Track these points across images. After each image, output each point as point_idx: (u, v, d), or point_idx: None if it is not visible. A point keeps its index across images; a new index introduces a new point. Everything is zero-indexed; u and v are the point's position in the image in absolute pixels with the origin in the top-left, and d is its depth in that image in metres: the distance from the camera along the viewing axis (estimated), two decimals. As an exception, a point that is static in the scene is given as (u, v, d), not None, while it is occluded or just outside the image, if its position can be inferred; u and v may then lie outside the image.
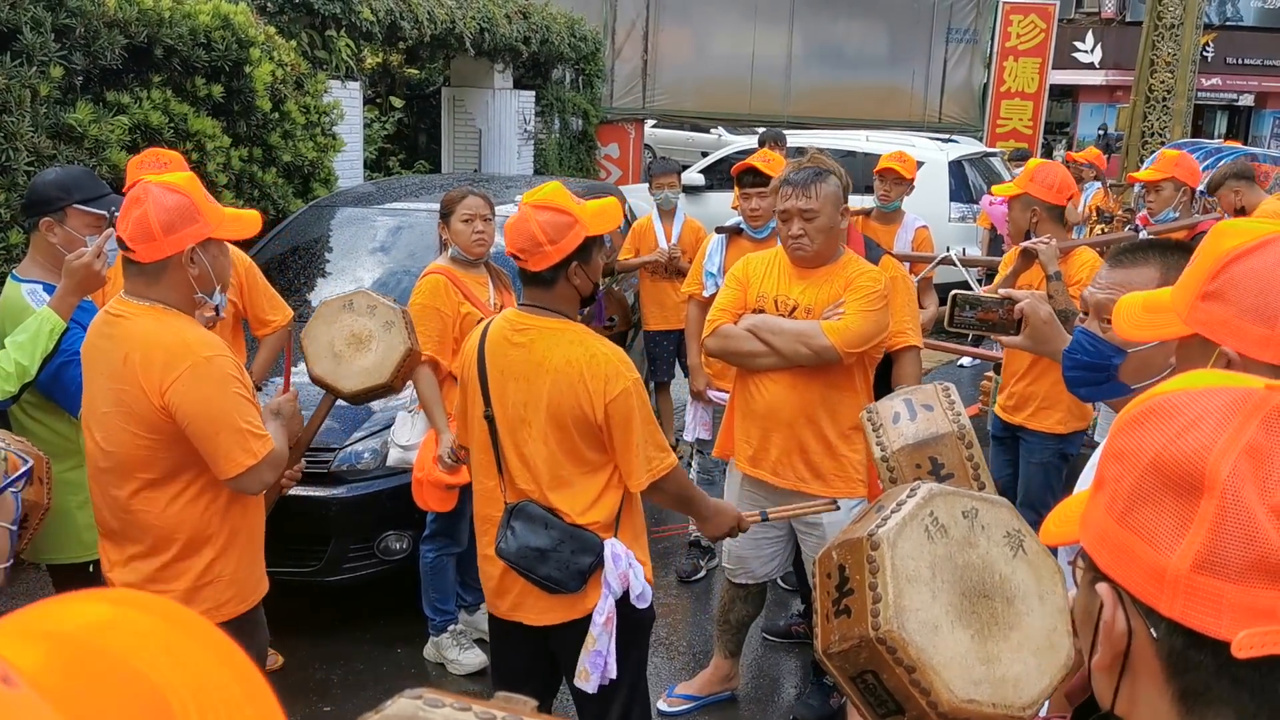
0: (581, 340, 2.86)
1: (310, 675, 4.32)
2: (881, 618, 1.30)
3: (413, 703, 0.73)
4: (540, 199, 2.82)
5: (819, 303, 3.59)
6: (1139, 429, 0.85)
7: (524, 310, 2.92)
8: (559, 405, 2.81)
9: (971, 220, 10.87)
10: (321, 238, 6.27)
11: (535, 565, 2.85)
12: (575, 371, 2.79)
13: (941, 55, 15.99)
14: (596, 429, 2.82)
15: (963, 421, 2.10)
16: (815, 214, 3.54)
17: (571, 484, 2.88)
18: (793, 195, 3.56)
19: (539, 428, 2.84)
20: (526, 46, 11.58)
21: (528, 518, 2.87)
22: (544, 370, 2.82)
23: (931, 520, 1.37)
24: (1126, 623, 0.86)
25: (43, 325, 3.03)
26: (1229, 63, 29.03)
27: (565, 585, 2.86)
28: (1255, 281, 1.37)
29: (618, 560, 2.89)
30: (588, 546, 2.87)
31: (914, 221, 6.13)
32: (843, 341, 3.49)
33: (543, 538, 2.85)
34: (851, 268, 3.64)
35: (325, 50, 8.30)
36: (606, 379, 2.79)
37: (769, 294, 3.67)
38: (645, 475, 2.86)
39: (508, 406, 2.88)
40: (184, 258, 2.58)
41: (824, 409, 3.63)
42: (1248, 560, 0.76)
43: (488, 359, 2.92)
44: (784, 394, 3.64)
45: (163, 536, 2.68)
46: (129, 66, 5.82)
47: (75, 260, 3.03)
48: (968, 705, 1.28)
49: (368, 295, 3.38)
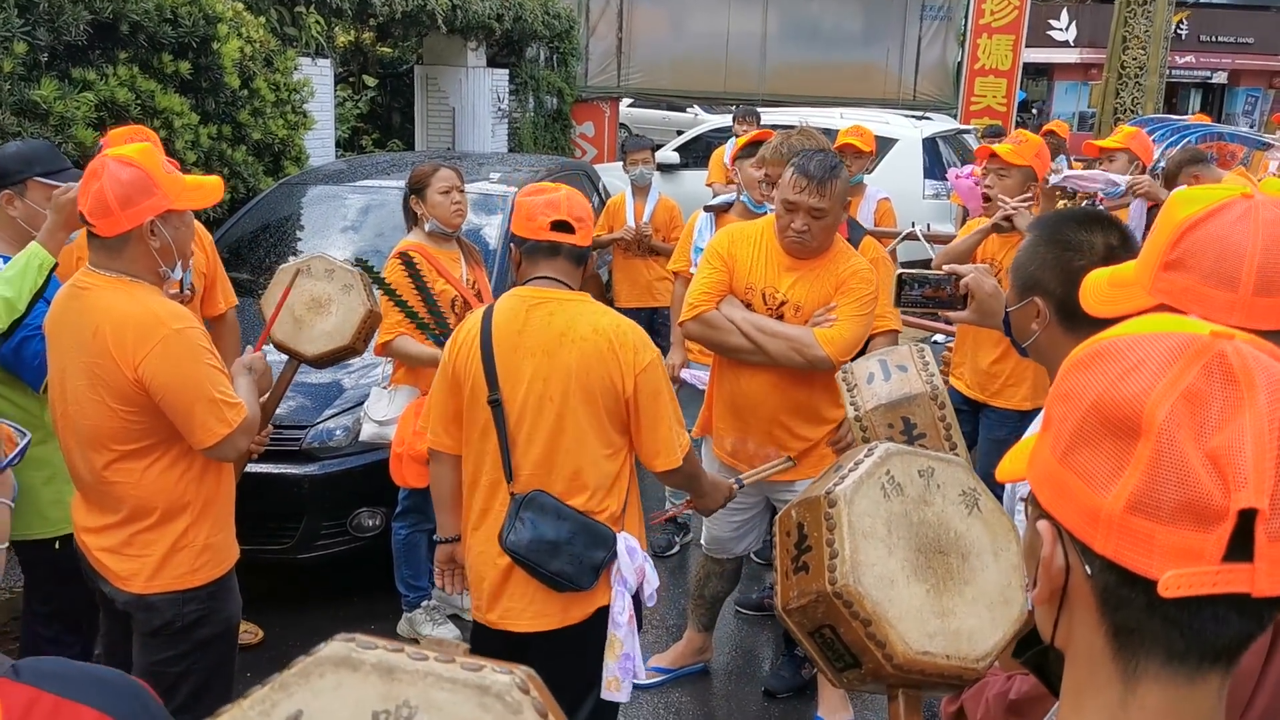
0: (605, 311, 2.78)
1: (284, 652, 4.32)
2: (838, 573, 1.32)
3: (345, 645, 0.74)
4: None
5: (810, 301, 3.49)
6: (1084, 371, 0.86)
7: (537, 285, 2.82)
8: (587, 374, 2.69)
9: (945, 197, 10.90)
10: (292, 216, 6.23)
11: (546, 560, 2.70)
12: (604, 341, 2.69)
13: (916, 33, 16.00)
14: (624, 403, 2.73)
15: (936, 383, 2.12)
16: (825, 213, 3.41)
17: (587, 470, 2.75)
18: (806, 190, 3.38)
19: (562, 403, 2.71)
20: (500, 24, 11.52)
21: (539, 508, 2.72)
22: (569, 340, 2.70)
23: (888, 479, 1.39)
24: (1065, 559, 0.87)
25: (31, 260, 3.00)
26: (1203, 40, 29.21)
27: (577, 581, 2.72)
28: (1214, 246, 1.39)
29: (633, 554, 2.79)
30: (601, 539, 2.74)
31: (876, 194, 6.20)
32: (837, 352, 3.41)
33: (555, 529, 2.70)
34: (842, 263, 3.54)
35: (295, 27, 8.23)
36: (635, 349, 2.71)
37: (757, 285, 3.56)
38: (678, 450, 2.77)
39: (523, 385, 2.73)
40: (144, 230, 2.57)
41: (805, 406, 3.60)
42: (1179, 503, 0.78)
43: (496, 339, 2.77)
44: (765, 391, 3.58)
45: (139, 506, 2.69)
46: (94, 42, 5.75)
47: (63, 195, 3.02)
48: (922, 657, 1.30)
49: (324, 259, 3.36)
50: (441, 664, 0.73)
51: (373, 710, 0.71)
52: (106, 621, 2.97)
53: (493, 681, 0.72)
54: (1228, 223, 1.39)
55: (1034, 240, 1.95)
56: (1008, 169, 4.26)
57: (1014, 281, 1.95)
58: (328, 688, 0.72)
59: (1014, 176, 4.26)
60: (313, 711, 0.71)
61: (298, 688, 0.72)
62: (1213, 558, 0.77)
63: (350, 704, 0.71)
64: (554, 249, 2.80)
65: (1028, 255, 1.94)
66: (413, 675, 0.72)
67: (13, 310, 2.97)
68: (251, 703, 0.73)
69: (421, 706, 0.71)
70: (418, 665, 0.72)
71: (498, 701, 0.71)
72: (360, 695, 0.72)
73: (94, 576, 2.78)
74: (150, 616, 2.73)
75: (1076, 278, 1.79)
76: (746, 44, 16.11)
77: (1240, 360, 0.81)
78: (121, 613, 2.78)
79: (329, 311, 3.27)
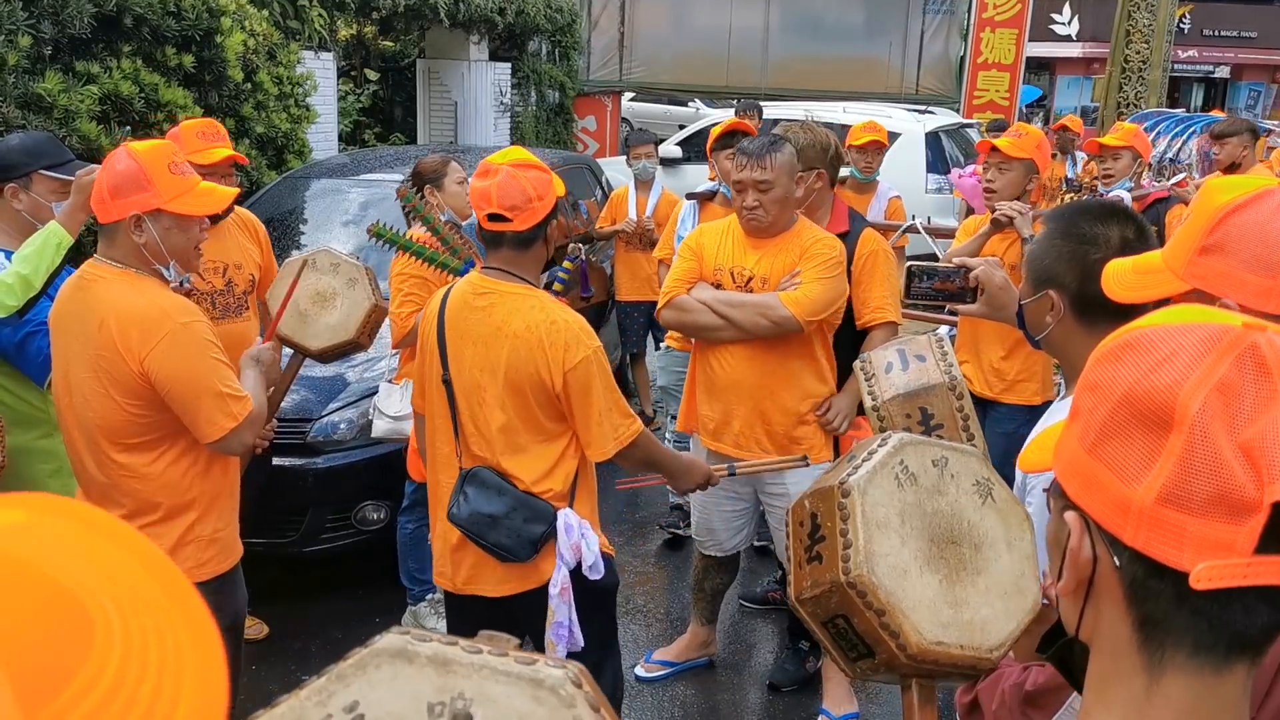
0: (543, 306, 2.82)
1: (289, 644, 4.32)
2: (852, 563, 1.31)
3: (401, 637, 0.75)
4: (517, 159, 2.81)
5: (775, 272, 3.56)
6: (1114, 362, 0.86)
7: (487, 274, 2.87)
8: (517, 371, 2.77)
9: (948, 191, 10.88)
10: (296, 209, 6.22)
11: (486, 531, 2.81)
12: (535, 338, 2.75)
13: (919, 27, 15.98)
14: (555, 397, 2.79)
15: (954, 373, 2.11)
16: (770, 185, 3.49)
17: (527, 451, 2.84)
18: (747, 166, 3.50)
19: (495, 393, 2.80)
20: (502, 18, 11.50)
21: (481, 483, 2.83)
22: (503, 335, 2.78)
23: (902, 468, 1.39)
24: (1092, 550, 0.87)
25: (49, 239, 3.00)
26: (1205, 34, 29.16)
27: (515, 553, 2.82)
28: (1255, 232, 1.39)
29: (570, 530, 2.86)
30: (540, 515, 2.83)
31: (887, 191, 6.20)
32: (801, 311, 3.46)
33: (495, 504, 2.81)
34: (805, 235, 3.60)
35: (298, 20, 8.22)
36: (566, 346, 2.75)
37: (725, 265, 3.63)
38: (612, 443, 2.83)
39: (464, 371, 2.84)
40: (128, 224, 2.56)
41: (784, 379, 3.61)
42: (1211, 495, 0.77)
43: (447, 322, 2.88)
44: (743, 367, 3.61)
45: (145, 500, 2.69)
46: (98, 36, 5.75)
47: (85, 176, 3.02)
48: (936, 648, 1.30)
49: (330, 253, 3.37)
50: (496, 657, 0.73)
51: (428, 702, 0.72)
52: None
53: (546, 675, 0.72)
54: (1269, 210, 1.40)
55: (1049, 233, 1.94)
56: (1009, 162, 4.26)
57: (1028, 274, 1.95)
58: (384, 679, 0.73)
59: (1015, 170, 4.26)
60: (369, 703, 0.72)
61: (354, 679, 0.73)
62: (1244, 550, 0.76)
63: (406, 695, 0.72)
64: (495, 239, 2.84)
65: (1043, 248, 1.93)
66: (467, 668, 0.73)
67: (29, 288, 2.96)
68: (309, 693, 0.73)
69: (476, 698, 0.71)
70: (472, 658, 0.73)
71: (552, 695, 0.72)
72: (416, 687, 0.72)
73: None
74: (157, 610, 2.73)
75: (1092, 271, 1.78)
76: (748, 38, 16.08)
77: (1273, 352, 0.80)
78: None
79: (334, 305, 3.28)
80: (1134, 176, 5.48)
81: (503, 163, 2.80)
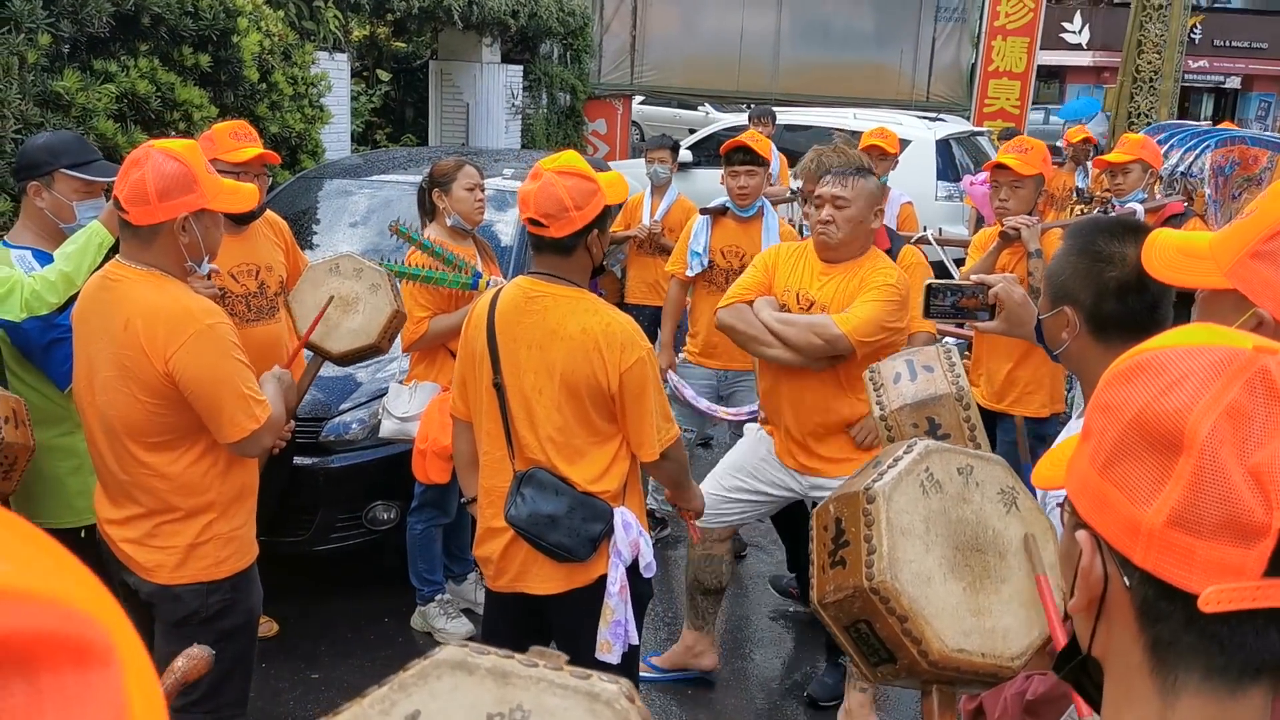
0: (596, 309, 2.84)
1: (298, 644, 4.34)
2: (875, 569, 1.33)
3: (461, 649, 0.77)
4: (563, 165, 2.80)
5: (836, 301, 3.61)
6: (1126, 384, 0.87)
7: (537, 278, 2.88)
8: (573, 373, 2.79)
9: (959, 199, 10.87)
10: (309, 209, 6.24)
11: (545, 532, 2.83)
12: (590, 340, 2.78)
13: (930, 34, 15.98)
14: (609, 398, 2.82)
15: (962, 384, 2.13)
16: (848, 203, 3.58)
17: (583, 453, 2.87)
18: (830, 183, 3.62)
19: (551, 395, 2.82)
20: (515, 20, 11.54)
21: (538, 484, 2.85)
22: (558, 338, 2.81)
23: (927, 475, 1.40)
24: (1103, 569, 0.87)
25: (92, 238, 3.03)
26: (1216, 45, 29.13)
27: (575, 552, 2.85)
28: None
29: (628, 528, 2.89)
30: (598, 514, 2.86)
31: (899, 197, 6.21)
32: (853, 330, 3.48)
33: (553, 504, 2.83)
34: (869, 264, 3.66)
35: (313, 21, 8.26)
36: (622, 348, 2.78)
37: (792, 288, 3.71)
38: (657, 445, 2.87)
39: (519, 374, 2.86)
40: (175, 225, 2.59)
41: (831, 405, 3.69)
42: (1220, 519, 0.78)
43: (498, 326, 2.89)
44: (797, 395, 3.70)
45: (165, 498, 2.70)
46: (116, 34, 5.78)
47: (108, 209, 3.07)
48: (958, 655, 1.31)
49: (353, 259, 3.42)
50: (552, 671, 0.76)
51: (487, 713, 0.74)
52: (127, 613, 2.99)
53: (602, 689, 0.75)
54: None
55: (1066, 250, 1.96)
56: (1021, 180, 4.25)
57: (1047, 290, 1.97)
58: (445, 690, 0.75)
59: (1027, 187, 4.26)
60: (430, 712, 0.74)
61: (416, 689, 0.75)
62: (1254, 573, 0.77)
63: (466, 706, 0.74)
64: (538, 243, 2.87)
65: (1060, 265, 1.95)
66: (526, 680, 0.75)
67: (71, 286, 3.00)
68: (371, 701, 0.75)
69: (535, 710, 0.74)
70: (530, 671, 0.75)
71: (607, 709, 0.74)
72: (475, 698, 0.74)
73: (119, 568, 2.79)
74: (175, 607, 2.75)
75: (1106, 289, 1.82)
76: (760, 43, 16.10)
77: None
78: (143, 604, 2.80)
79: (356, 310, 3.34)
80: (1146, 187, 5.46)
81: (549, 168, 2.80)
